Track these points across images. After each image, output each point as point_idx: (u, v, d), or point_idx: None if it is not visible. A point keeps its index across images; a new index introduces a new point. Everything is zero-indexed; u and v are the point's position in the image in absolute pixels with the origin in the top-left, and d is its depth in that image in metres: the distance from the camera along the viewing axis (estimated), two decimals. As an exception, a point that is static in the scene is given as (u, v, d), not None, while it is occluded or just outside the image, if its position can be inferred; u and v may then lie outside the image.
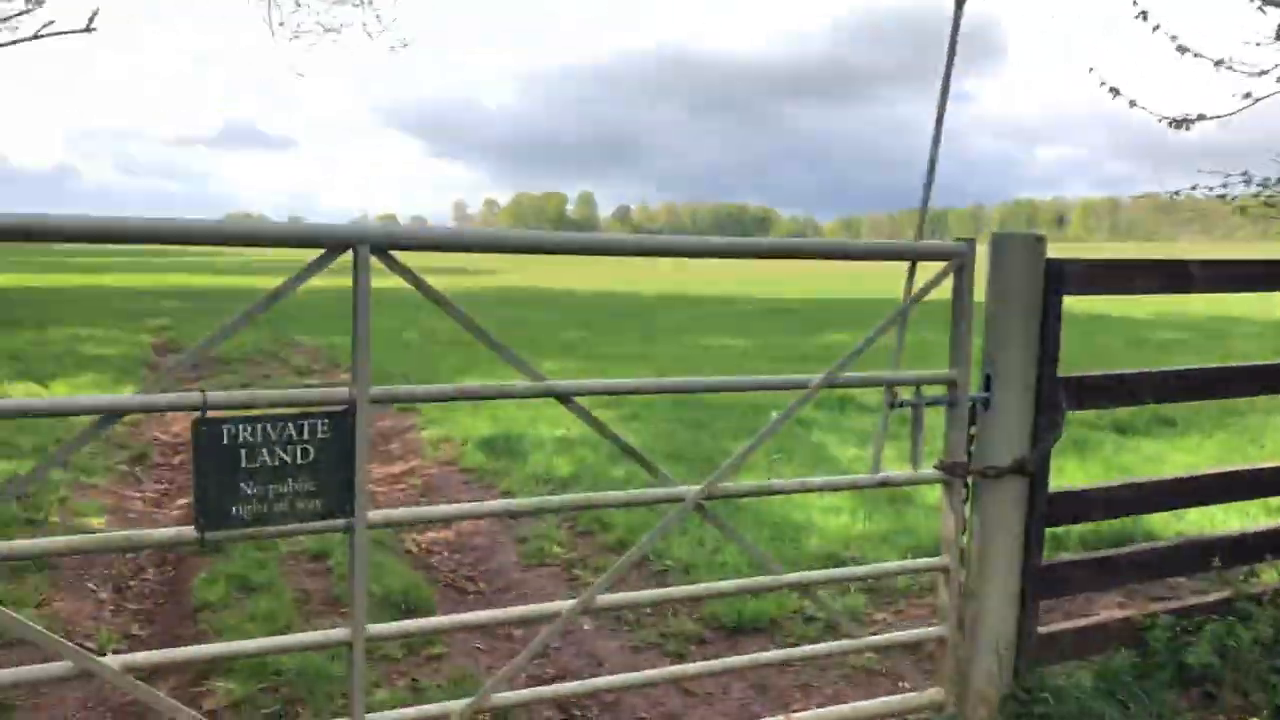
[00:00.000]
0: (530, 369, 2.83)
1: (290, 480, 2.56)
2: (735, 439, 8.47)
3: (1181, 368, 3.80)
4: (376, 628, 2.67)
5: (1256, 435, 8.75)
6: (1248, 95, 3.72)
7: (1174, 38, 4.10)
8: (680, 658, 4.50)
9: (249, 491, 2.52)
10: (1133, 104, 4.26)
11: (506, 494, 7.10)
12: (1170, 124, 4.01)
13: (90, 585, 5.19)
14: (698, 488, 2.99)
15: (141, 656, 2.57)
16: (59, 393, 10.30)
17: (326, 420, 2.59)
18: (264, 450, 2.53)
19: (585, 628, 4.82)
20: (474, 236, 2.72)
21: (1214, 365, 3.97)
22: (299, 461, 2.57)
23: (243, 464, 2.51)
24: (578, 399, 2.90)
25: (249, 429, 2.52)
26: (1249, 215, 4.01)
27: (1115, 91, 4.37)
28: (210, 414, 2.48)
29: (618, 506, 4.00)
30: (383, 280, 2.78)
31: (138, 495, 7.21)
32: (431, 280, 2.70)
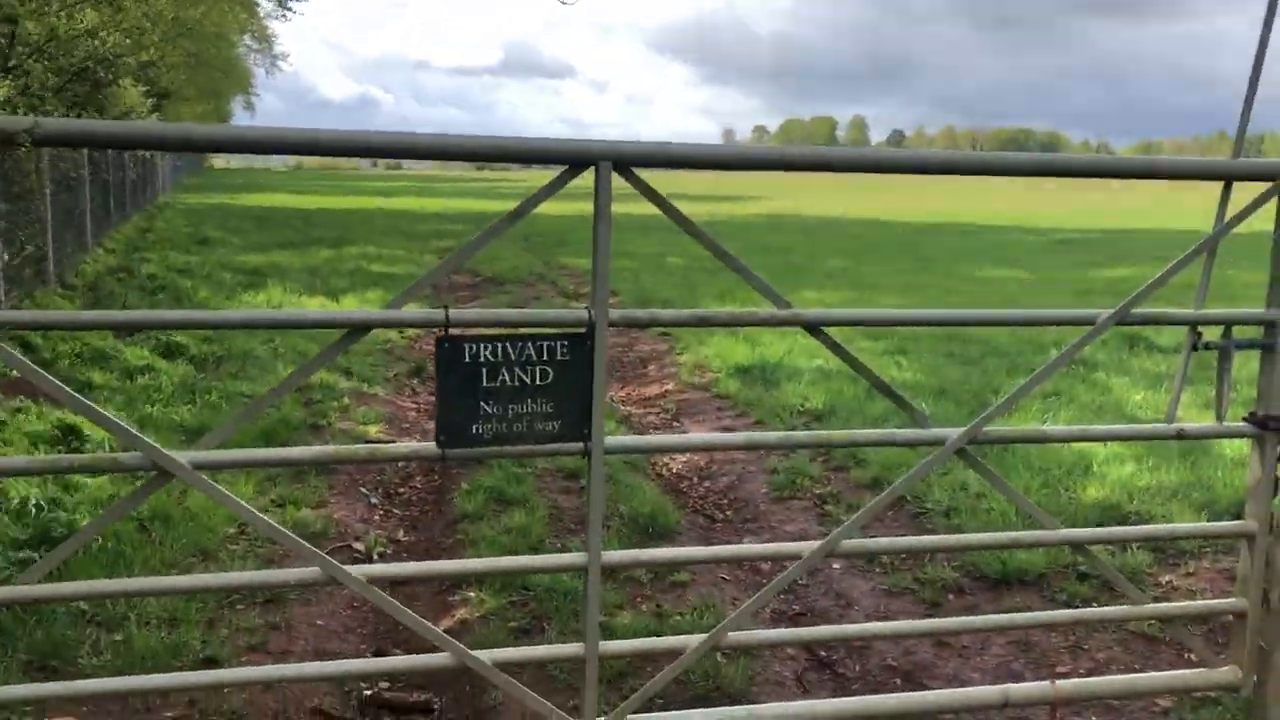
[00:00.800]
0: (776, 295, 2.65)
1: (529, 401, 2.52)
2: (1009, 378, 7.95)
3: None
4: (611, 555, 2.61)
5: None
6: None
7: None
8: (935, 606, 4.25)
9: (489, 410, 2.50)
10: None
11: (759, 424, 6.98)
12: None
13: (363, 489, 5.51)
14: (960, 430, 2.72)
15: (380, 569, 2.63)
16: (349, 306, 11.06)
17: (566, 342, 2.53)
18: (504, 370, 2.50)
19: (835, 566, 4.65)
20: (712, 153, 2.53)
21: None
22: (538, 383, 2.52)
23: (483, 383, 2.49)
24: (828, 329, 2.69)
25: (490, 348, 2.49)
26: None
27: None
28: (453, 332, 2.47)
29: (872, 445, 3.77)
30: (646, 206, 2.68)
31: (413, 406, 7.62)
32: (695, 207, 2.59)
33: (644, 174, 2.57)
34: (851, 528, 2.68)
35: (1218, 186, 2.81)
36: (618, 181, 2.57)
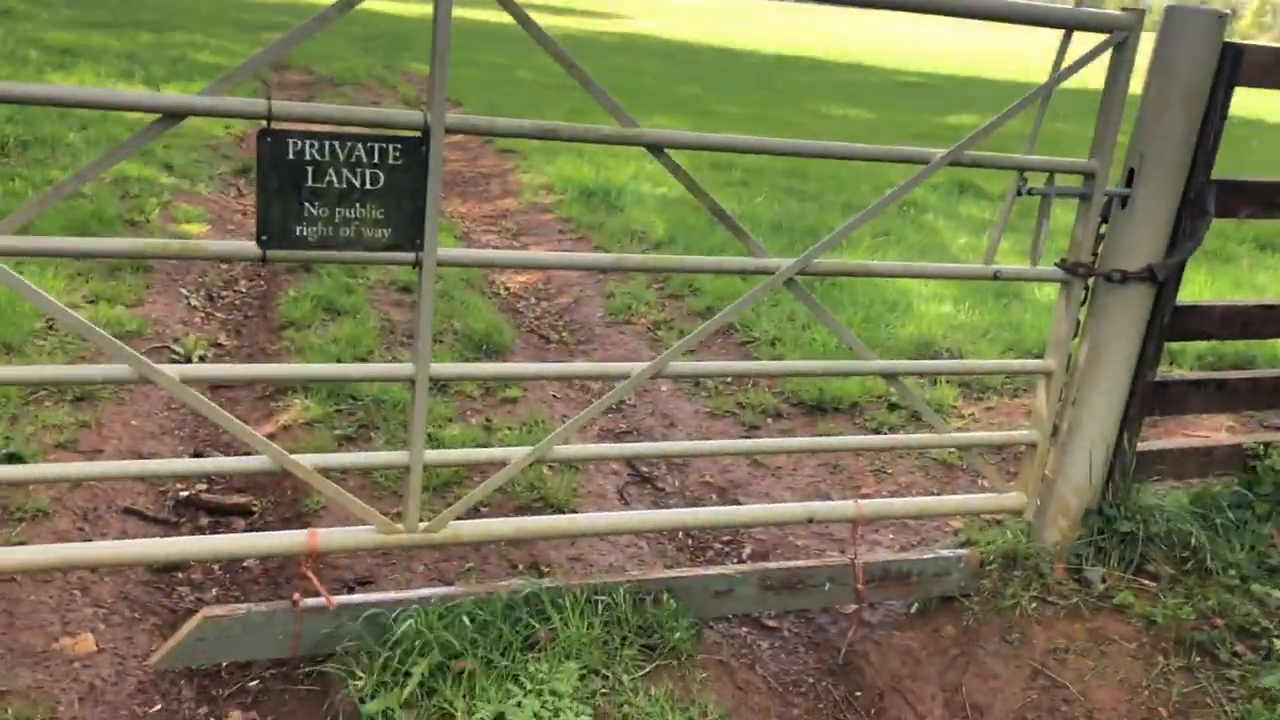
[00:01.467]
0: (624, 113, 2.59)
1: (358, 205, 2.42)
2: (845, 215, 8.13)
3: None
4: (440, 367, 2.59)
5: None
6: None
7: None
8: (755, 429, 4.43)
9: (314, 212, 2.38)
10: None
11: (599, 248, 6.96)
12: None
13: (183, 291, 5.27)
14: (791, 261, 2.77)
15: (196, 369, 2.53)
16: (171, 99, 10.28)
17: (399, 146, 2.41)
18: (331, 170, 2.38)
19: (662, 389, 4.76)
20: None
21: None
22: (368, 187, 2.41)
23: (308, 182, 2.36)
24: (671, 152, 2.66)
25: (316, 145, 2.35)
26: None
27: None
28: (276, 126, 2.32)
29: (704, 272, 3.79)
30: (498, 15, 2.53)
31: (239, 208, 7.26)
32: (550, 19, 2.46)
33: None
34: (678, 351, 2.73)
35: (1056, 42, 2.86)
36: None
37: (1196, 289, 6.52)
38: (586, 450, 2.92)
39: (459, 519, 2.67)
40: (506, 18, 2.48)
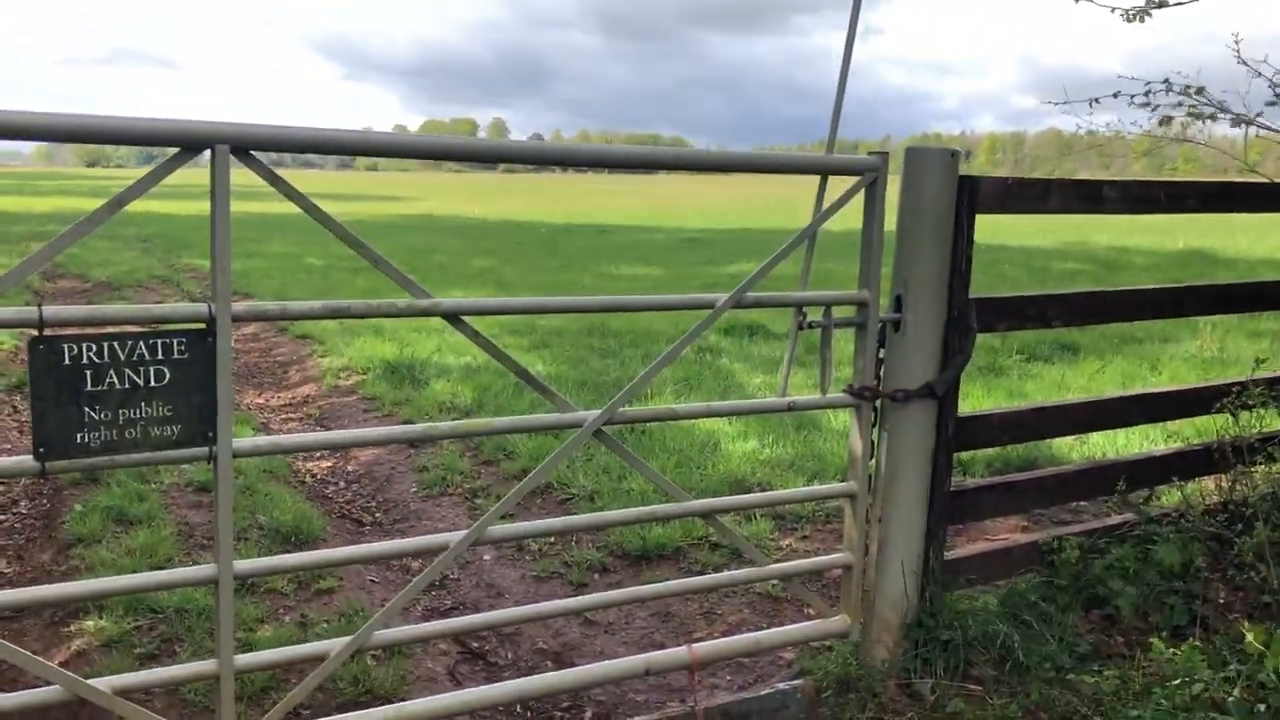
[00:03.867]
0: (416, 286, 2.62)
1: (144, 405, 2.32)
2: (646, 367, 8.33)
3: (1091, 289, 3.75)
4: (245, 564, 2.46)
5: (1154, 362, 8.91)
6: None
7: None
8: (583, 587, 4.38)
9: (95, 417, 2.27)
10: None
11: (406, 422, 6.87)
12: (1124, 16, 3.84)
13: (-47, 520, 4.85)
14: (598, 412, 2.82)
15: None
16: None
17: (184, 339, 2.35)
18: (112, 371, 2.28)
19: (486, 558, 4.67)
20: (337, 138, 2.45)
21: (1121, 288, 3.93)
22: (153, 384, 2.33)
23: (88, 386, 2.26)
24: (469, 319, 2.70)
25: (94, 348, 2.26)
26: (1166, 130, 3.90)
27: None
28: (50, 333, 2.22)
29: (512, 432, 3.81)
30: (283, 206, 2.54)
31: (15, 425, 6.80)
32: (330, 206, 2.47)
33: (285, 174, 2.46)
34: (496, 515, 2.70)
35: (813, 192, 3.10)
36: (250, 178, 2.43)
37: (975, 402, 6.98)
38: (410, 632, 2.82)
39: (279, 724, 2.51)
40: (292, 207, 2.49)
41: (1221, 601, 3.55)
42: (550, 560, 4.62)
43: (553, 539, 4.80)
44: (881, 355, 3.21)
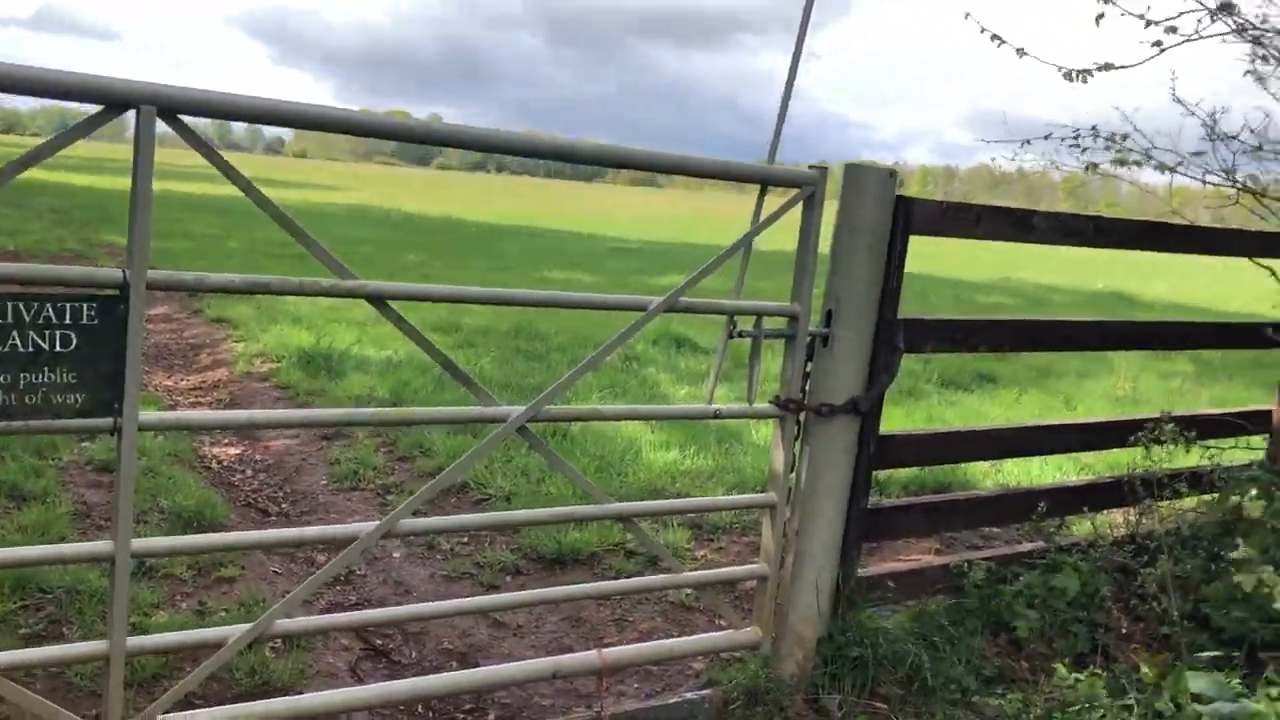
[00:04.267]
0: (343, 267, 2.54)
1: (46, 370, 2.21)
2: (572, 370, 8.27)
3: (1016, 317, 3.81)
4: (143, 542, 2.36)
5: (1070, 397, 9.12)
6: (1157, 44, 3.69)
7: None
8: (494, 588, 4.31)
9: (-8, 379, 2.16)
10: (1021, 52, 4.17)
11: (323, 413, 6.71)
12: (1067, 75, 3.93)
13: None
14: (522, 408, 2.77)
15: None
16: None
17: (94, 305, 2.24)
18: (15, 333, 2.17)
19: (395, 555, 4.57)
20: (279, 109, 2.37)
21: (1046, 318, 4.00)
22: (58, 349, 2.22)
23: (-13, 347, 2.15)
24: (395, 305, 2.63)
25: (-4, 307, 2.15)
26: (1097, 173, 4.00)
27: (998, 39, 4.29)
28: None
29: (434, 423, 3.73)
30: (213, 186, 2.44)
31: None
32: (272, 192, 2.39)
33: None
34: (409, 508, 2.63)
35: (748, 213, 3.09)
36: (173, 156, 2.34)
37: (895, 425, 7.06)
38: (312, 623, 2.74)
39: (167, 713, 2.40)
40: (214, 189, 2.41)
41: (1123, 631, 3.62)
42: (462, 560, 4.54)
43: (465, 539, 4.72)
44: (809, 369, 3.21)
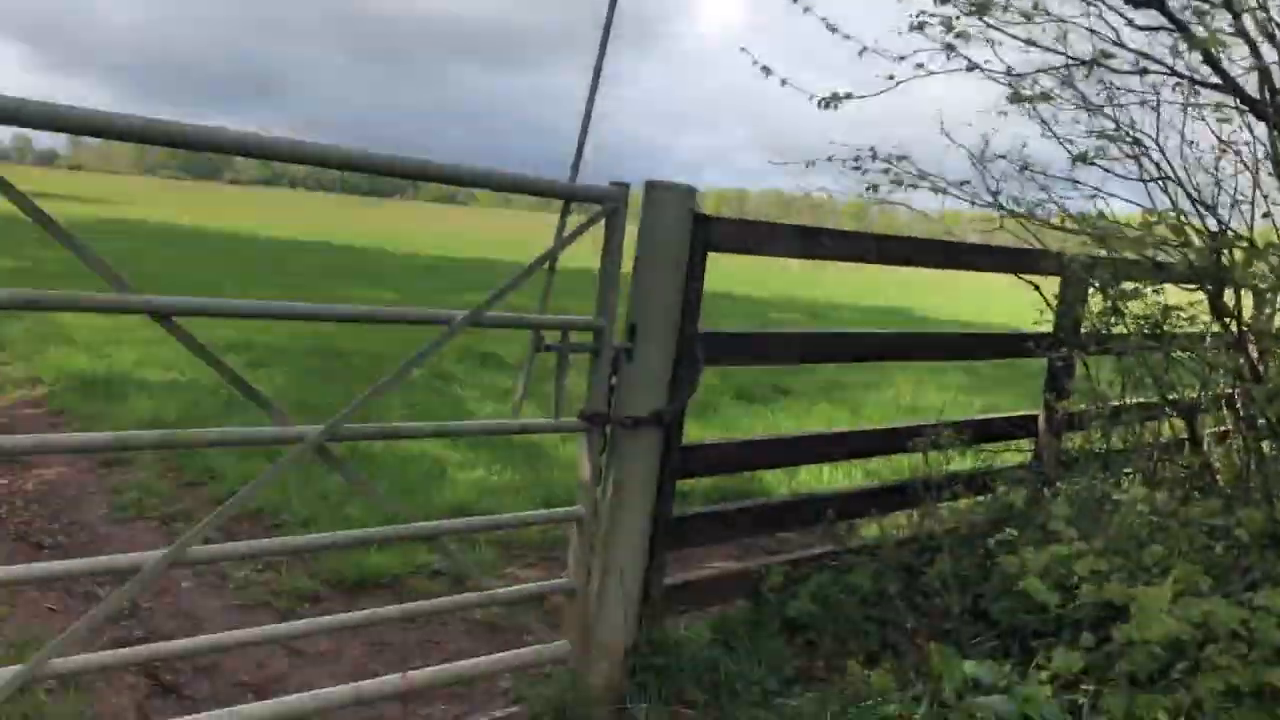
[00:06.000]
0: (121, 280, 2.40)
1: None
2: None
3: (807, 329, 3.98)
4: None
5: (857, 406, 9.57)
6: (891, 77, 3.93)
7: (824, 19, 4.24)
8: (292, 616, 4.15)
9: None
10: (784, 82, 4.37)
11: (102, 438, 6.30)
12: (820, 103, 4.14)
13: None
14: (320, 427, 2.68)
15: None
16: None
17: None
18: None
19: (184, 585, 4.34)
20: (64, 115, 2.21)
21: (834, 329, 4.20)
22: None
23: None
24: (180, 320, 2.50)
25: None
26: (875, 196, 4.24)
27: (767, 70, 4.47)
28: None
29: (224, 445, 3.52)
30: None
31: None
32: (50, 205, 2.22)
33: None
34: (199, 534, 2.51)
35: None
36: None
37: (693, 436, 7.22)
38: (91, 660, 2.56)
39: (-75, 766, 2.20)
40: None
41: (910, 627, 3.82)
42: (257, 589, 4.35)
43: (261, 566, 4.53)
44: (614, 382, 3.25)
